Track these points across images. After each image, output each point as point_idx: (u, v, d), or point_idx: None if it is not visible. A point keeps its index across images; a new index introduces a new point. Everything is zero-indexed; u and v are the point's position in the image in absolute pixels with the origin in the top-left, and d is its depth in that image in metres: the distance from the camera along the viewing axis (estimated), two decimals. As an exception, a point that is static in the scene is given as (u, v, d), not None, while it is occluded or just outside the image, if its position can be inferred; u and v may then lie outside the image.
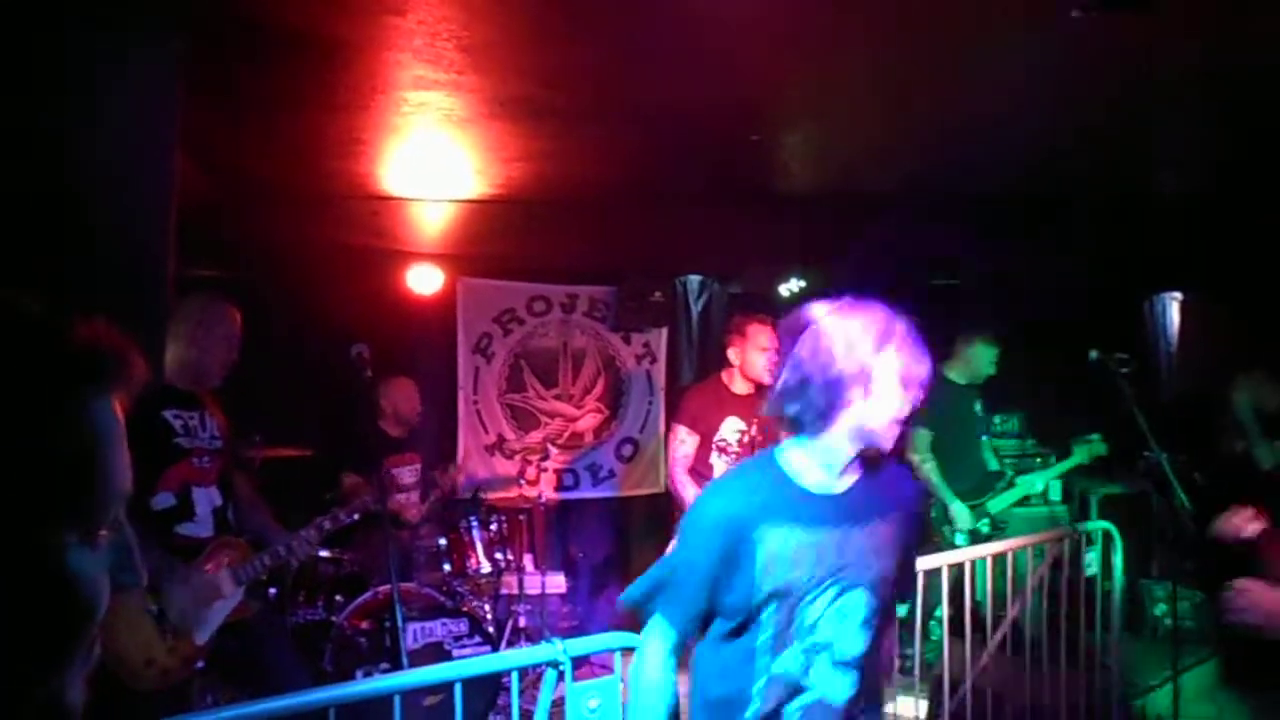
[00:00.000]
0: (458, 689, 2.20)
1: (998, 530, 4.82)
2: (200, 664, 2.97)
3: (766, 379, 4.21)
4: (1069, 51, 2.82)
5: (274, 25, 2.57)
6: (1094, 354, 3.99)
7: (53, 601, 0.68)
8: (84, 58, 2.12)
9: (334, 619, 4.12)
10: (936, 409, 4.63)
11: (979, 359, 4.93)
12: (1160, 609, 5.52)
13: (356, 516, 3.49)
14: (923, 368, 1.82)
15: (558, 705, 2.50)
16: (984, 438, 5.20)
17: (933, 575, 3.46)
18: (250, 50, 2.77)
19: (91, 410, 0.71)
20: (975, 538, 4.72)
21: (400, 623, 2.85)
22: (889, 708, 3.20)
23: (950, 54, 2.89)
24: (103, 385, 0.73)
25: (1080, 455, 5.00)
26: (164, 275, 2.11)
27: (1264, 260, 5.12)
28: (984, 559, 3.74)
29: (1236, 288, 5.46)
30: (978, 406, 5.05)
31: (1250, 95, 3.22)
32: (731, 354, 4.25)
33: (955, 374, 4.95)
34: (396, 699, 2.14)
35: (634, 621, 6.69)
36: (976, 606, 3.97)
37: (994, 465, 5.19)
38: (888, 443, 1.85)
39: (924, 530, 4.38)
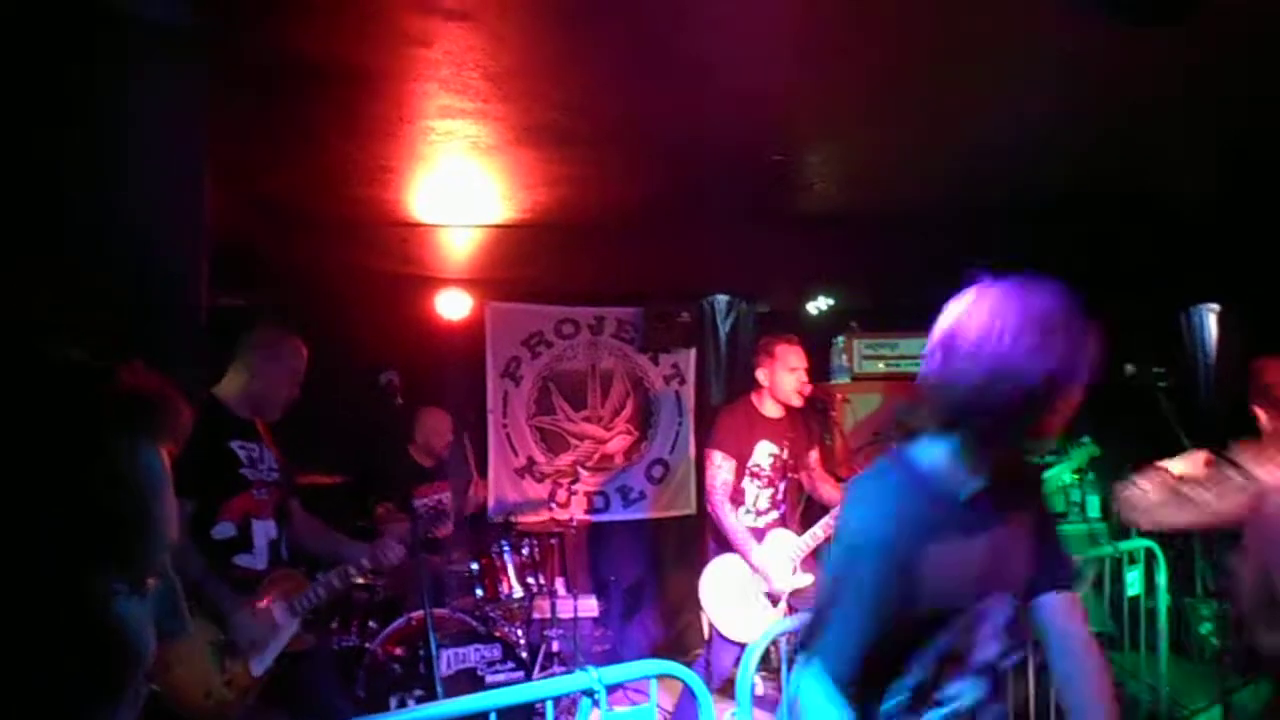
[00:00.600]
0: (492, 718, 2.19)
1: None
2: (254, 695, 2.97)
3: (796, 400, 4.18)
4: (1093, 67, 2.80)
5: (303, 57, 2.62)
6: (1130, 368, 3.93)
7: (101, 648, 0.68)
8: (115, 90, 2.15)
9: (368, 645, 4.12)
10: None
11: None
12: (1206, 628, 5.39)
13: (391, 555, 3.36)
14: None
15: (593, 733, 2.47)
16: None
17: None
18: (280, 81, 2.81)
19: (138, 458, 0.72)
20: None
21: (434, 649, 2.83)
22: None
23: (971, 72, 2.88)
24: (149, 433, 0.73)
25: (1077, 458, 4.91)
26: (198, 304, 2.13)
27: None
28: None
29: (1274, 300, 5.36)
30: None
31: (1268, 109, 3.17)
32: (760, 375, 4.22)
33: None
34: (431, 729, 2.12)
35: (670, 645, 6.59)
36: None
37: None
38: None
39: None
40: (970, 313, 1.55)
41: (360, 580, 4.33)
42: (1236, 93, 3.06)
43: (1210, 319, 5.90)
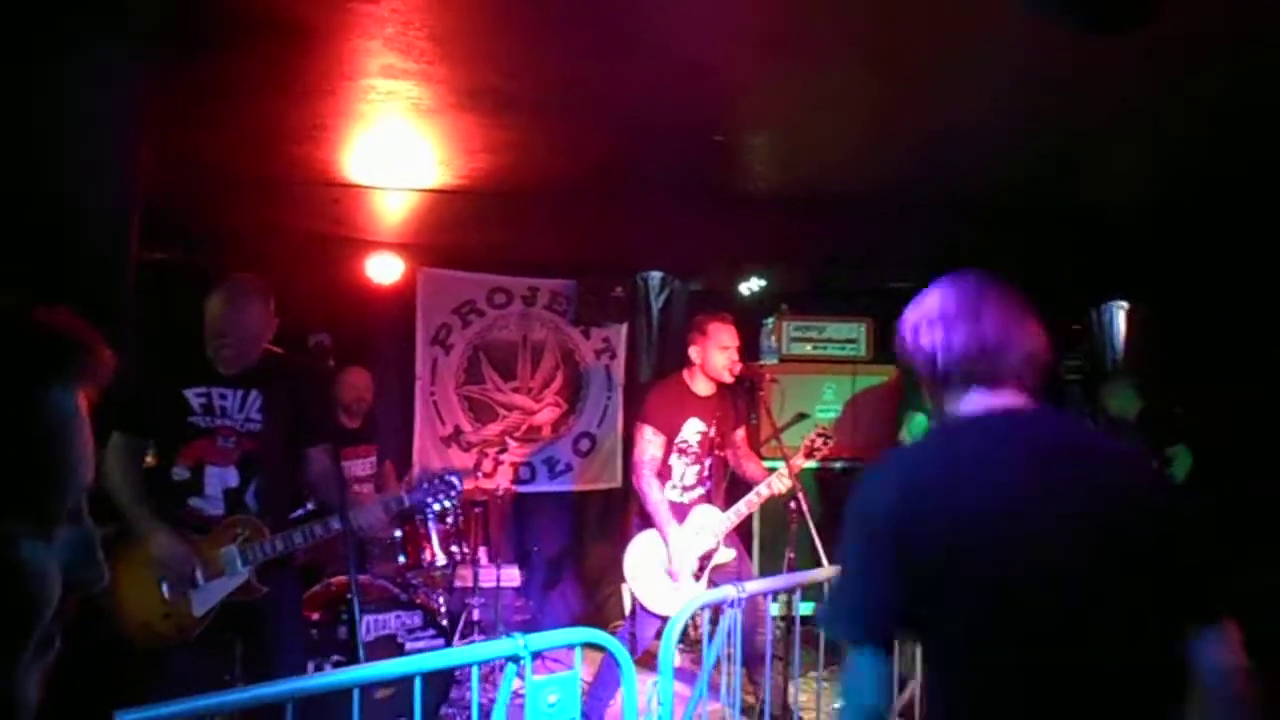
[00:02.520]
0: (418, 682, 2.20)
1: None
2: (195, 633, 3.03)
3: (727, 378, 4.24)
4: (1033, 69, 2.89)
5: (241, 10, 2.54)
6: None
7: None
8: (44, 45, 2.07)
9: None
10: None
11: None
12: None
13: (381, 511, 3.37)
14: None
15: (516, 699, 2.50)
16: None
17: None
18: (215, 35, 2.72)
19: (50, 400, 0.70)
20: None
21: (357, 614, 2.83)
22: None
23: (916, 66, 2.94)
24: (64, 375, 0.71)
25: None
26: (127, 259, 2.08)
27: (1207, 271, 5.28)
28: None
29: (1181, 298, 5.63)
30: None
31: (1204, 115, 3.32)
32: (693, 352, 4.27)
33: None
34: (356, 692, 2.13)
35: (590, 617, 6.66)
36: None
37: None
38: None
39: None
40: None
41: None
42: (1172, 103, 3.18)
43: (1119, 315, 6.17)
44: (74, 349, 0.72)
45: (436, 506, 3.40)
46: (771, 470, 4.28)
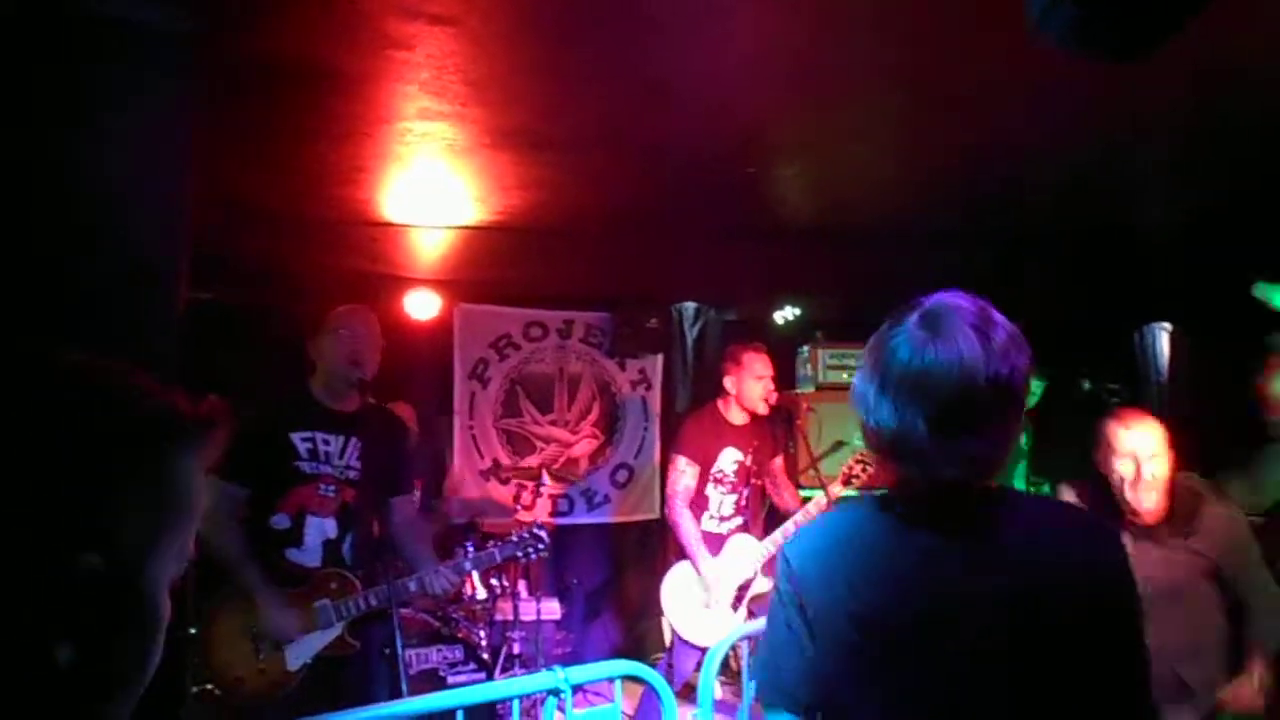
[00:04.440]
0: (460, 717, 2.21)
1: None
2: (288, 689, 2.94)
3: (763, 408, 4.24)
4: (1061, 94, 2.89)
5: (284, 59, 2.63)
6: (1087, 384, 4.05)
7: (130, 623, 0.71)
8: (99, 90, 2.15)
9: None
10: None
11: None
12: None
13: (470, 566, 3.32)
14: None
15: (557, 733, 2.50)
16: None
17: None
18: (259, 82, 2.81)
19: (182, 465, 0.75)
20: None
21: (400, 649, 2.85)
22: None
23: (945, 95, 2.96)
24: (194, 445, 0.77)
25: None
26: (176, 301, 2.14)
27: (1250, 294, 5.19)
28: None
29: (1225, 320, 5.53)
30: None
31: (1239, 135, 3.29)
32: (728, 383, 4.28)
33: None
34: (398, 726, 2.14)
35: (630, 649, 6.61)
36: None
37: (1021, 486, 5.21)
38: None
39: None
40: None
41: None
42: (1206, 124, 3.16)
43: (1163, 338, 6.08)
44: (194, 423, 0.78)
45: (523, 554, 3.33)
46: (807, 500, 4.26)
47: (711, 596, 4.08)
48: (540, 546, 3.30)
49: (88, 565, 0.67)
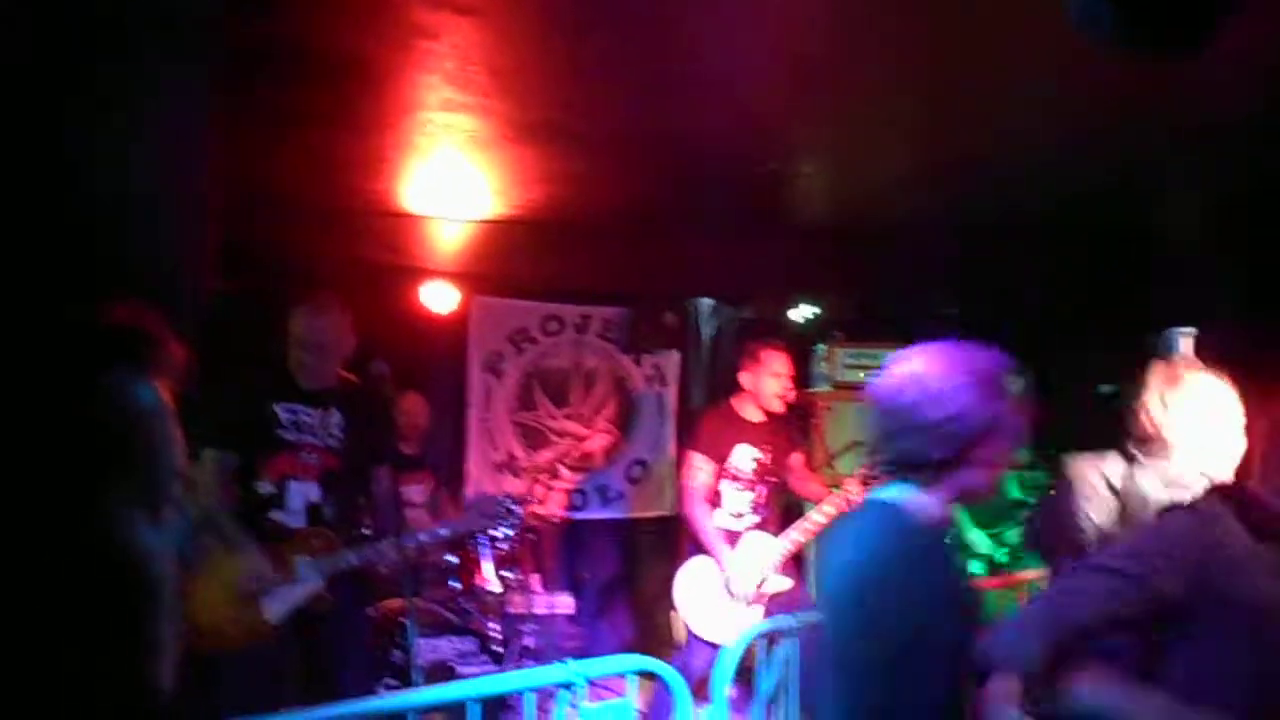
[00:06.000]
0: (472, 708, 2.21)
1: (1016, 561, 4.80)
2: (264, 643, 3.09)
3: (779, 406, 4.22)
4: (1084, 91, 2.86)
5: (307, 47, 2.63)
6: (1105, 388, 4.00)
7: (122, 575, 0.69)
8: (121, 77, 2.16)
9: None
10: None
11: None
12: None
13: (446, 533, 3.54)
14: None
15: (569, 726, 2.50)
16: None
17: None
18: (281, 70, 2.82)
19: (128, 389, 0.73)
20: (992, 567, 4.71)
21: (412, 638, 2.86)
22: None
23: (965, 90, 2.93)
24: (139, 364, 0.76)
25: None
26: (200, 289, 2.15)
27: (1274, 298, 5.12)
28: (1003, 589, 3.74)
29: (1247, 324, 5.46)
30: None
31: (1265, 136, 3.25)
32: (744, 379, 4.26)
33: None
34: (411, 717, 2.15)
35: (643, 645, 6.61)
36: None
37: (1016, 494, 5.17)
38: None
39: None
40: (922, 367, 1.71)
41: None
42: (1233, 121, 3.12)
43: (1183, 342, 6.01)
44: (142, 340, 0.77)
45: (498, 533, 3.46)
46: (834, 490, 4.23)
47: (734, 588, 4.07)
48: (512, 519, 3.47)
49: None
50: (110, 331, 0.68)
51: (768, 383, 4.18)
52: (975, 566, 4.66)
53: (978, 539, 4.70)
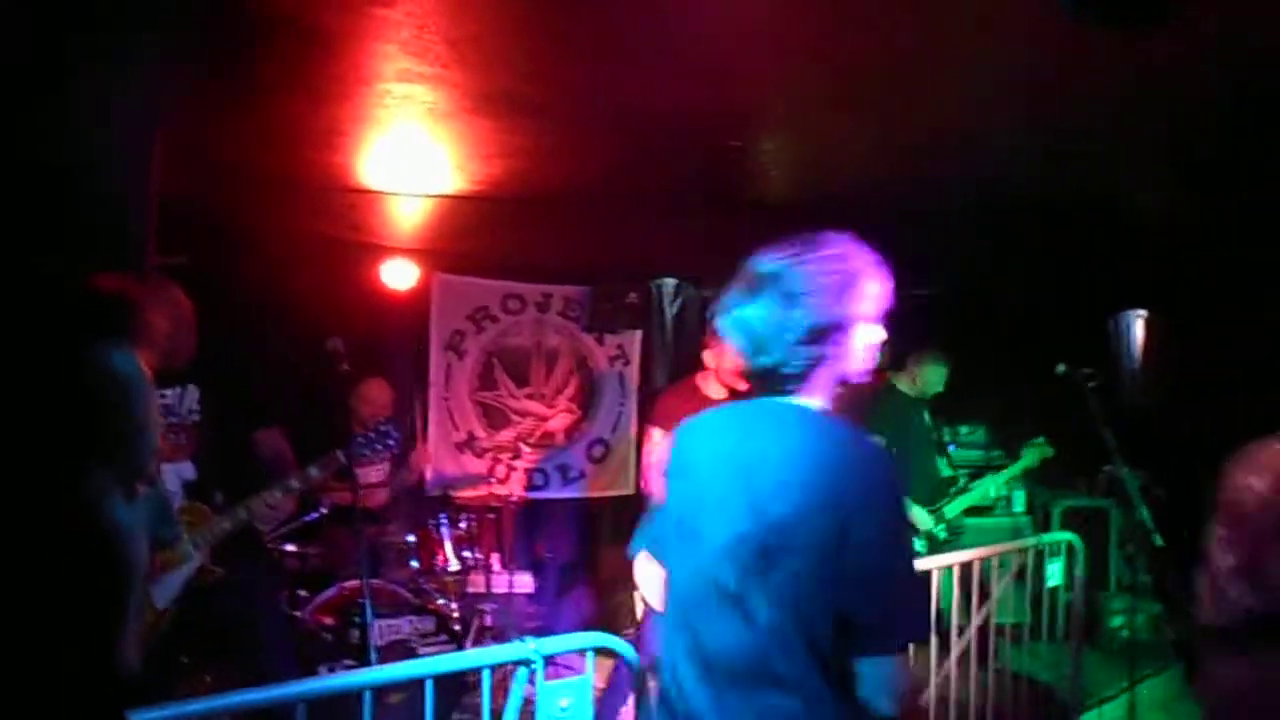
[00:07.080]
0: (429, 686, 2.19)
1: (954, 536, 4.90)
2: (163, 628, 3.01)
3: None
4: (1047, 68, 2.87)
5: (260, 14, 2.55)
6: (1062, 367, 4.05)
7: (98, 551, 0.67)
8: (62, 43, 2.08)
9: (297, 614, 4.07)
10: (885, 416, 4.72)
11: (928, 376, 5.08)
12: (1116, 621, 5.61)
13: (316, 473, 3.51)
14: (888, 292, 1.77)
15: (527, 704, 2.49)
16: (940, 446, 5.31)
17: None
18: (233, 34, 2.73)
19: (107, 360, 0.71)
20: (932, 543, 4.79)
21: (369, 619, 2.83)
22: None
23: (931, 68, 2.93)
24: (119, 336, 0.73)
25: (1029, 458, 5.10)
26: (142, 260, 2.08)
27: (1227, 280, 5.23)
28: (949, 568, 3.79)
29: (1200, 307, 5.57)
30: (926, 417, 5.15)
31: (1223, 116, 3.29)
32: (707, 357, 4.24)
33: (903, 385, 5.07)
34: (367, 694, 2.12)
35: (602, 623, 6.61)
36: (941, 615, 4.01)
37: (947, 472, 5.26)
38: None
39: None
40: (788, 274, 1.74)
41: (291, 549, 4.28)
42: (1194, 97, 3.14)
43: (1137, 324, 6.11)
44: (123, 310, 0.74)
45: (372, 451, 3.65)
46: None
47: None
48: (389, 441, 3.67)
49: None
50: (91, 300, 0.66)
51: (731, 359, 4.17)
52: (917, 544, 4.73)
53: (919, 516, 4.77)
